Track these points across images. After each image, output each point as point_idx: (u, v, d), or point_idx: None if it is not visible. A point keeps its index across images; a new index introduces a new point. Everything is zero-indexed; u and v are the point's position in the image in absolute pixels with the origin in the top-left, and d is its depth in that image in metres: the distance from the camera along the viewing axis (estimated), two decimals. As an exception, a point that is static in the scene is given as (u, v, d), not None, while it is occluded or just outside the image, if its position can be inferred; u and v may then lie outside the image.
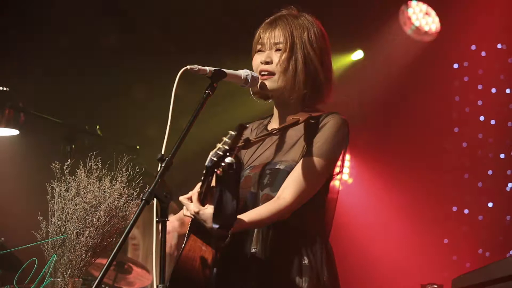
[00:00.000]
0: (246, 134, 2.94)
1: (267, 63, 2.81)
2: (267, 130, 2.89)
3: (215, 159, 2.26)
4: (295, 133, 2.80)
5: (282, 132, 2.82)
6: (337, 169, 2.80)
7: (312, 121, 2.74)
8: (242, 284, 2.66)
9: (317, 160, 2.69)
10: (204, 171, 2.37)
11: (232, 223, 2.38)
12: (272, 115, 2.97)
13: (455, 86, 7.05)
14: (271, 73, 2.80)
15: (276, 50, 2.81)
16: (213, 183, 2.43)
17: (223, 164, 2.25)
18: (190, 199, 2.56)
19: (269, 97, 2.89)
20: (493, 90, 6.95)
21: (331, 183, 2.80)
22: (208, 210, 2.49)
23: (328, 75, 2.85)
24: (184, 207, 2.60)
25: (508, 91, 6.93)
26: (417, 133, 6.94)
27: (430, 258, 6.78)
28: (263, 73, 2.81)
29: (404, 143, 6.92)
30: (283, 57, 2.78)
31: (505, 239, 6.77)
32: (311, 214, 2.75)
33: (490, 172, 6.95)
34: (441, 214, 6.93)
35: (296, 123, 2.69)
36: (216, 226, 2.34)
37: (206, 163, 2.29)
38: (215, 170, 2.29)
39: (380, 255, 6.81)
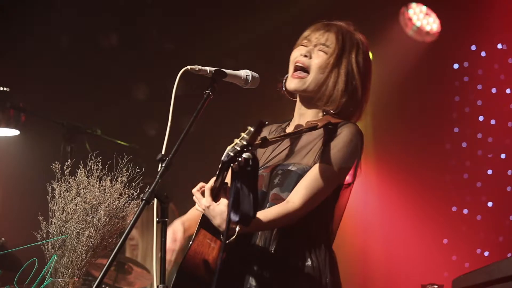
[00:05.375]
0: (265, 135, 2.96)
1: (305, 56, 2.81)
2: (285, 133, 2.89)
3: (231, 154, 2.22)
4: (312, 137, 2.80)
5: (299, 135, 2.82)
6: (348, 179, 2.79)
7: (330, 127, 2.74)
8: (244, 283, 2.66)
9: (329, 168, 2.68)
10: (219, 166, 2.34)
11: (250, 219, 2.34)
12: (290, 119, 2.97)
13: (455, 86, 7.04)
14: (305, 70, 2.81)
15: (319, 50, 2.81)
16: (228, 179, 2.39)
17: (239, 159, 2.21)
18: (202, 192, 2.55)
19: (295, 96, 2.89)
20: (493, 90, 6.95)
21: (342, 192, 2.79)
22: (220, 206, 2.49)
23: (364, 95, 2.88)
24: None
25: (508, 91, 6.92)
26: (417, 133, 6.93)
27: (430, 258, 6.78)
28: (297, 64, 2.82)
29: (404, 143, 6.91)
30: (329, 60, 2.79)
31: (505, 239, 6.77)
32: (317, 218, 2.75)
33: (489, 172, 6.95)
34: (441, 214, 6.92)
35: (314, 127, 2.68)
36: (235, 220, 2.30)
37: (223, 158, 2.25)
38: (231, 165, 2.25)
39: (380, 255, 6.81)
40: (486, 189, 6.92)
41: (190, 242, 2.64)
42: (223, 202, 2.49)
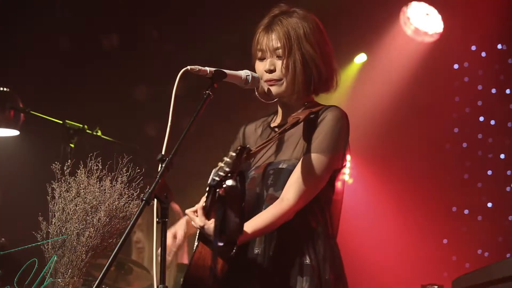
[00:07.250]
0: (250, 132, 2.96)
1: (271, 71, 2.79)
2: (271, 128, 2.89)
3: (216, 178, 2.26)
4: (296, 130, 2.77)
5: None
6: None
7: (312, 116, 2.73)
8: (246, 285, 2.66)
9: (318, 157, 2.67)
10: (207, 188, 2.37)
11: (235, 240, 2.38)
12: (275, 112, 2.97)
13: (455, 86, 7.04)
14: (278, 80, 2.79)
15: (277, 56, 2.79)
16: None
17: (224, 185, 2.25)
18: (196, 212, 2.56)
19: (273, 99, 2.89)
20: (493, 91, 6.95)
21: (337, 180, 2.78)
22: (213, 225, 2.48)
23: (331, 64, 2.83)
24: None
25: (508, 91, 6.93)
26: (417, 133, 6.94)
27: (430, 258, 6.78)
28: (270, 83, 2.80)
29: (404, 143, 6.91)
30: (284, 63, 2.77)
31: (505, 239, 6.77)
32: (316, 211, 2.73)
33: (489, 173, 6.95)
34: (441, 214, 6.92)
35: (296, 122, 2.66)
36: (220, 244, 2.34)
37: (209, 182, 2.29)
38: (217, 190, 2.29)
39: (380, 255, 6.80)
40: (486, 189, 6.93)
41: (191, 257, 2.65)
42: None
